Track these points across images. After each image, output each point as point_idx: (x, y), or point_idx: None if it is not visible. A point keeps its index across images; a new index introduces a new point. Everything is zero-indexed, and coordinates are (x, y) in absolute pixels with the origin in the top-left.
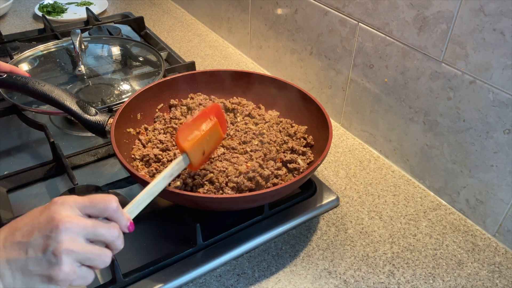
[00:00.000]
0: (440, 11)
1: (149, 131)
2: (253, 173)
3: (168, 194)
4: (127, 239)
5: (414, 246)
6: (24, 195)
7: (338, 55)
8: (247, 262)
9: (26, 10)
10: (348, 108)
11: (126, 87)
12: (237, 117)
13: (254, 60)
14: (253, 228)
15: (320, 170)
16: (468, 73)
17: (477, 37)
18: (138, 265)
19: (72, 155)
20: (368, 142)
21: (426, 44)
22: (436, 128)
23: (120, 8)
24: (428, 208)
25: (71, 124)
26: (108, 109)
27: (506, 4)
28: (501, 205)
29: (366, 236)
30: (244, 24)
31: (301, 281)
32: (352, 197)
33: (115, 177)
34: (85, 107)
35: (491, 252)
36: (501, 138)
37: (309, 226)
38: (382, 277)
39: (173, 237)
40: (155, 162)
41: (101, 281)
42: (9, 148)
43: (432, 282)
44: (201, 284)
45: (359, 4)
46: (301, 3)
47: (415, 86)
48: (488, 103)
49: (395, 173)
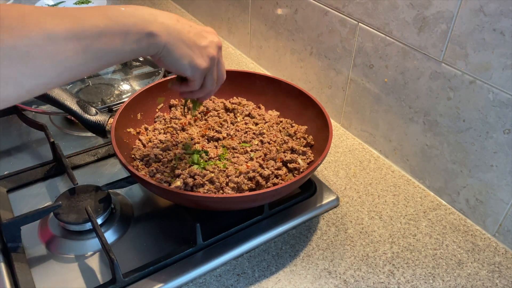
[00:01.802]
0: (440, 11)
1: (149, 131)
2: (253, 173)
3: (168, 194)
4: (127, 239)
5: (414, 246)
6: (24, 195)
7: (338, 55)
8: (247, 262)
9: None
10: (348, 108)
11: (126, 87)
12: (237, 117)
13: (254, 60)
14: (253, 228)
15: (320, 170)
16: (468, 73)
17: (477, 37)
18: (138, 265)
19: (72, 155)
20: (368, 142)
21: (426, 44)
22: (436, 128)
23: None
24: (428, 208)
25: (71, 124)
26: (108, 109)
27: (506, 4)
28: (501, 205)
29: (366, 236)
30: (244, 24)
31: (301, 281)
32: (352, 197)
33: (115, 177)
34: (85, 107)
35: (491, 252)
36: (501, 138)
37: (309, 226)
38: (382, 277)
39: (173, 237)
40: (155, 162)
41: (101, 281)
42: (9, 148)
43: (432, 282)
44: (201, 284)
45: (359, 4)
46: (301, 3)
47: (415, 86)
48: (488, 103)
49: (395, 173)
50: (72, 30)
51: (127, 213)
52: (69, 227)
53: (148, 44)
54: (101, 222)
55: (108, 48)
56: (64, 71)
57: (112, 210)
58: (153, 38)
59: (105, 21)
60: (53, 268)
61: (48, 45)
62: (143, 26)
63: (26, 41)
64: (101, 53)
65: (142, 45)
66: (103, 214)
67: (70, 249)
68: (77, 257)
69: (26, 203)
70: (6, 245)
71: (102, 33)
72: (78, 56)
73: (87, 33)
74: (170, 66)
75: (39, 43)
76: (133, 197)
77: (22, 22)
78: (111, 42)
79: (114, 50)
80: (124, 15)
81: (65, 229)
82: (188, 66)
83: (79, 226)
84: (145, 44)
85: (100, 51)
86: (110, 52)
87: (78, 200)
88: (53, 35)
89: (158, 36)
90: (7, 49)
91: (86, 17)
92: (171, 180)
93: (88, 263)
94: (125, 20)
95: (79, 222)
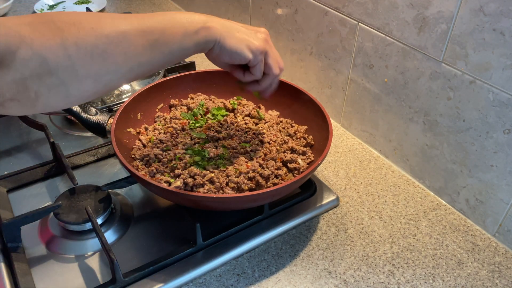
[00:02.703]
0: (440, 11)
1: (149, 131)
2: (253, 173)
3: (168, 194)
4: (127, 239)
5: (414, 246)
6: (24, 195)
7: (338, 55)
8: (247, 262)
9: (26, 10)
10: (348, 108)
11: (126, 87)
12: (237, 117)
13: None
14: (253, 228)
15: (320, 170)
16: (468, 73)
17: (477, 37)
18: (138, 265)
19: (72, 155)
20: (368, 142)
21: (426, 44)
22: (436, 128)
23: (120, 8)
24: (428, 208)
25: (71, 124)
26: (108, 109)
27: (506, 4)
28: (501, 205)
29: (366, 236)
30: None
31: (301, 281)
32: (352, 197)
33: (115, 177)
34: (85, 107)
35: (491, 252)
36: (501, 138)
37: (309, 226)
38: (382, 277)
39: (173, 237)
40: (155, 162)
41: (101, 281)
42: (9, 148)
43: (432, 282)
44: (201, 284)
45: (359, 4)
46: (301, 3)
47: (415, 86)
48: (488, 103)
49: (395, 173)
50: (140, 28)
51: (127, 213)
52: (69, 227)
53: (205, 36)
54: (101, 222)
55: (171, 42)
56: (135, 67)
57: (112, 210)
58: (208, 30)
59: (166, 20)
60: (53, 268)
61: (122, 43)
62: (198, 21)
63: (105, 39)
64: (166, 47)
65: (200, 38)
66: (103, 214)
67: (70, 249)
68: (77, 257)
69: (26, 203)
70: (6, 245)
71: (166, 29)
72: (146, 51)
73: (153, 29)
74: (229, 55)
75: (115, 41)
76: (133, 197)
77: (99, 23)
78: (173, 37)
79: (176, 43)
80: (181, 16)
81: (65, 229)
82: (246, 49)
83: (79, 226)
84: (202, 37)
85: (165, 46)
86: (174, 45)
87: (78, 200)
88: (126, 33)
89: (213, 28)
90: (90, 47)
91: (150, 18)
92: (171, 180)
93: (88, 263)
94: (182, 19)
95: (79, 222)
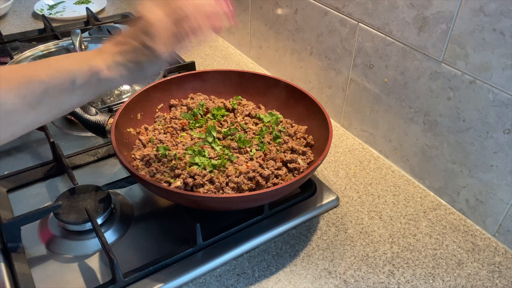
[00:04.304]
0: (440, 11)
1: (149, 131)
2: (253, 173)
3: (168, 194)
4: (127, 239)
5: (414, 246)
6: (24, 195)
7: (338, 55)
8: (247, 262)
9: (26, 10)
10: (348, 108)
11: (126, 87)
12: (237, 117)
13: (254, 60)
14: (253, 228)
15: (320, 170)
16: (468, 73)
17: (477, 37)
18: (138, 265)
19: (72, 155)
20: (368, 142)
21: (426, 44)
22: (436, 128)
23: (120, 8)
24: (428, 208)
25: (71, 124)
26: (108, 109)
27: (506, 4)
28: (501, 205)
29: (366, 236)
30: (244, 24)
31: (301, 281)
32: (352, 197)
33: (115, 177)
34: (85, 107)
35: (491, 252)
36: (501, 138)
37: (309, 226)
38: (382, 277)
39: (173, 237)
40: (155, 162)
41: (101, 281)
42: (9, 148)
43: (432, 282)
44: (201, 284)
45: (359, 4)
46: (301, 3)
47: (415, 86)
48: (488, 103)
49: (395, 173)
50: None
51: (127, 213)
52: (69, 227)
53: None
54: (101, 222)
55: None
56: (20, 129)
57: (112, 210)
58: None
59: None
60: (53, 268)
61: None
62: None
63: None
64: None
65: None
66: (103, 214)
67: (70, 249)
68: (77, 257)
69: (26, 203)
70: (6, 245)
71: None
72: (29, 114)
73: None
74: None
75: None
76: (133, 197)
77: None
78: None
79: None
80: None
81: (65, 229)
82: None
83: (79, 226)
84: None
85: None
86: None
87: (78, 200)
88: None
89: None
90: None
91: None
92: (171, 180)
93: (88, 263)
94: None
95: (79, 222)
